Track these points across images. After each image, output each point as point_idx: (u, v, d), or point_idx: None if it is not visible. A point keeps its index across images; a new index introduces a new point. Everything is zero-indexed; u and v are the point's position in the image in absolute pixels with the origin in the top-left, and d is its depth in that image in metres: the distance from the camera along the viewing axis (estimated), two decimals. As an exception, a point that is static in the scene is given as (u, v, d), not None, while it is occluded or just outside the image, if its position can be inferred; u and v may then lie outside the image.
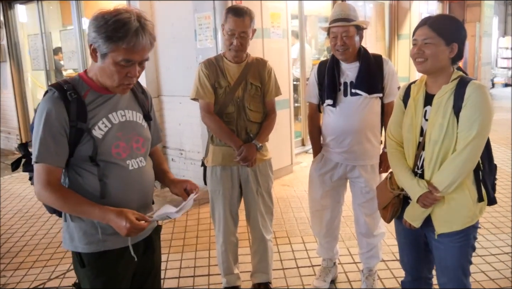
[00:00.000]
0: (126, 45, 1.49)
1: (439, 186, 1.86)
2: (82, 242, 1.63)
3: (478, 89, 1.79)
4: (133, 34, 1.48)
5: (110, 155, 1.61)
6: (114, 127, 1.63)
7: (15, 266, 3.50)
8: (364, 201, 2.76)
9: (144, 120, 1.77)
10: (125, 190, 1.65)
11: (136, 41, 1.49)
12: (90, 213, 1.54)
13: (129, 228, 1.49)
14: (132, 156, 1.67)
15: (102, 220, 1.54)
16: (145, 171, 1.73)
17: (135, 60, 1.54)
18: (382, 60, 2.66)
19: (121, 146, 1.64)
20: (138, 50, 1.52)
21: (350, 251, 3.44)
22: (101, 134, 1.59)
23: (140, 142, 1.72)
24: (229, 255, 2.83)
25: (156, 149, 1.95)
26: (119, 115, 1.66)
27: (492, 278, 3.01)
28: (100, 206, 1.54)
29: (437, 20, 1.88)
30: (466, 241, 1.94)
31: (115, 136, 1.62)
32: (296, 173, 5.64)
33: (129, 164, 1.65)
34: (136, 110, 1.73)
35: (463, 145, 1.80)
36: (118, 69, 1.54)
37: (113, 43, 1.49)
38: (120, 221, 1.49)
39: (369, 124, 2.66)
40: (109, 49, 1.50)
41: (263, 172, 2.74)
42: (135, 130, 1.70)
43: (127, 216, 1.50)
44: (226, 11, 2.57)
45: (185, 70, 4.89)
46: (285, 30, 5.35)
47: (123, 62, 1.52)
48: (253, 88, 2.65)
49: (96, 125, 1.58)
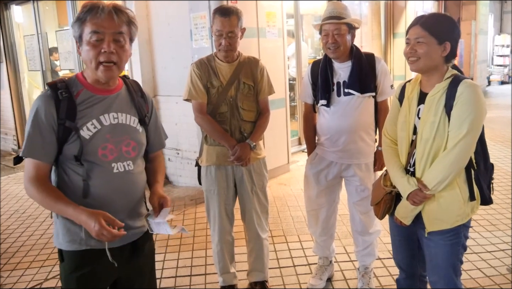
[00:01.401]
0: (92, 18, 1.52)
1: (428, 184, 1.87)
2: (65, 239, 1.63)
3: (469, 88, 1.80)
4: (99, 8, 1.52)
5: (96, 156, 1.60)
6: (103, 129, 1.62)
7: (12, 266, 3.50)
8: (359, 199, 2.77)
9: (139, 124, 1.74)
10: (108, 192, 1.63)
11: (102, 12, 1.52)
12: (64, 211, 1.54)
13: (97, 230, 1.47)
14: (120, 159, 1.65)
15: (75, 220, 1.53)
16: (132, 174, 1.70)
17: (103, 31, 1.53)
18: (374, 59, 2.67)
19: (108, 148, 1.62)
20: (105, 20, 1.53)
21: (346, 249, 3.45)
22: (89, 135, 1.59)
23: (131, 146, 1.69)
24: (225, 254, 2.84)
25: (157, 156, 1.92)
26: (111, 117, 1.65)
27: (487, 275, 3.02)
28: (76, 205, 1.52)
29: (429, 19, 1.89)
30: (457, 239, 1.95)
31: (103, 138, 1.61)
32: (292, 171, 5.65)
33: (114, 167, 1.63)
34: (131, 114, 1.71)
35: (453, 143, 1.81)
36: (91, 47, 1.54)
37: (82, 22, 1.54)
38: (90, 222, 1.47)
39: (363, 123, 2.67)
40: (81, 30, 1.54)
41: (257, 171, 2.75)
42: (127, 134, 1.68)
43: (97, 218, 1.48)
44: (213, 12, 2.58)
45: (181, 70, 4.88)
46: (280, 29, 5.36)
47: (94, 37, 1.52)
48: (246, 87, 2.65)
49: (84, 125, 1.58)
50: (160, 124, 1.92)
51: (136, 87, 1.79)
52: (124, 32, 1.58)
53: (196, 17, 4.64)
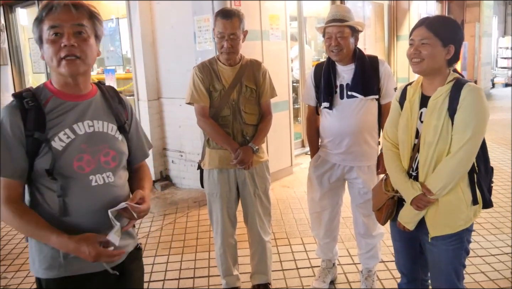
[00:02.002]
0: (48, 14, 1.42)
1: (432, 188, 1.86)
2: (42, 266, 1.48)
3: (473, 92, 1.79)
4: (56, 5, 1.42)
5: (71, 168, 1.45)
6: (78, 139, 1.47)
7: (16, 267, 3.52)
8: (362, 202, 2.77)
9: (118, 132, 1.60)
10: (88, 208, 1.48)
11: (58, 7, 1.41)
12: (47, 239, 1.40)
13: (94, 255, 1.37)
14: (98, 171, 1.50)
15: (61, 248, 1.41)
16: (113, 187, 1.54)
17: (61, 24, 1.41)
18: (377, 61, 2.67)
19: (85, 159, 1.47)
20: (62, 13, 1.41)
21: (350, 252, 3.45)
22: (62, 146, 1.44)
23: (110, 156, 1.54)
24: (228, 257, 2.84)
25: (142, 166, 1.79)
26: (85, 125, 1.51)
27: (491, 278, 3.01)
28: (59, 233, 1.39)
29: (434, 21, 1.88)
30: (460, 244, 1.94)
31: (78, 148, 1.47)
32: (296, 174, 5.65)
33: (92, 179, 1.48)
34: (108, 121, 1.57)
35: (457, 147, 1.80)
36: (50, 44, 1.42)
37: (40, 21, 1.43)
38: (83, 249, 1.37)
39: (366, 126, 2.67)
40: (40, 29, 1.43)
41: (260, 174, 2.75)
42: (105, 143, 1.54)
43: (89, 244, 1.37)
44: (215, 15, 2.59)
45: (185, 72, 4.89)
46: (284, 32, 5.37)
47: (52, 32, 1.40)
48: (248, 90, 2.65)
49: (56, 136, 1.44)
50: (143, 133, 1.79)
51: (112, 93, 1.66)
52: (86, 25, 1.45)
53: (199, 20, 4.66)
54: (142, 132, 1.78)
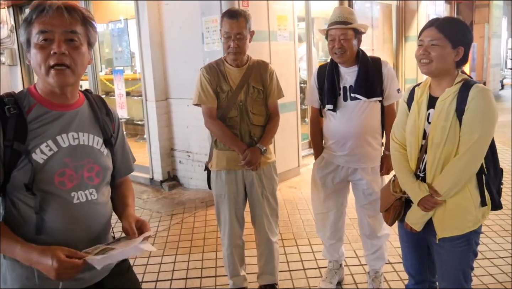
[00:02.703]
0: (38, 17, 1.31)
1: (440, 190, 1.86)
2: (15, 286, 1.37)
3: (481, 93, 1.78)
4: (48, 6, 1.31)
5: (52, 184, 1.35)
6: (60, 152, 1.37)
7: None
8: (367, 203, 2.77)
9: (104, 146, 1.50)
10: (67, 226, 1.37)
11: (49, 9, 1.31)
12: (11, 250, 1.28)
13: (56, 268, 1.22)
14: (81, 187, 1.40)
15: (24, 260, 1.27)
16: (96, 205, 1.45)
17: (52, 29, 1.31)
18: (380, 63, 2.67)
19: (67, 174, 1.37)
20: (54, 18, 1.31)
21: (357, 253, 3.45)
22: (43, 159, 1.33)
23: (94, 171, 1.44)
24: (235, 258, 2.85)
25: (125, 180, 1.70)
26: (70, 137, 1.40)
27: (500, 281, 2.99)
28: (24, 243, 1.28)
29: (444, 22, 1.87)
30: (468, 246, 1.93)
31: (61, 162, 1.36)
32: (303, 175, 5.64)
33: (74, 196, 1.38)
34: (94, 134, 1.47)
35: (465, 148, 1.79)
36: (39, 49, 1.32)
37: (29, 23, 1.33)
38: (46, 260, 1.22)
39: (369, 128, 2.67)
40: (28, 32, 1.33)
41: (267, 175, 2.75)
42: (90, 157, 1.44)
43: (54, 253, 1.23)
44: (222, 15, 2.60)
45: (193, 73, 4.89)
46: (291, 32, 5.37)
47: (42, 37, 1.31)
48: (255, 91, 2.65)
49: (37, 147, 1.33)
50: (128, 147, 1.69)
51: (100, 103, 1.56)
52: (79, 32, 1.36)
53: (207, 21, 4.67)
54: (127, 146, 1.69)
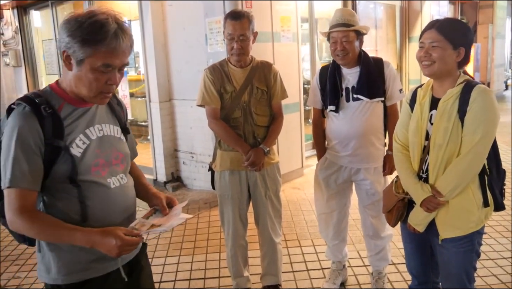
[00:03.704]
0: (105, 48, 1.36)
1: (442, 190, 1.86)
2: (62, 273, 1.47)
3: (483, 93, 1.79)
4: (113, 36, 1.36)
5: (90, 173, 1.46)
6: (92, 144, 1.48)
7: (30, 267, 3.57)
8: (370, 203, 2.77)
9: (122, 134, 1.63)
10: (108, 210, 1.51)
11: (116, 43, 1.36)
12: (71, 238, 1.38)
13: (120, 245, 1.35)
14: (113, 174, 1.54)
15: (86, 244, 1.37)
16: (127, 188, 1.60)
17: (115, 65, 1.40)
18: (382, 63, 2.68)
19: (100, 164, 1.50)
20: (119, 54, 1.39)
21: (360, 254, 3.45)
22: (80, 152, 1.44)
23: (120, 158, 1.58)
24: (239, 259, 2.85)
25: (133, 163, 1.79)
26: (96, 130, 1.51)
27: (504, 281, 2.99)
28: (82, 228, 1.39)
29: (445, 23, 1.88)
30: (470, 246, 1.93)
31: (94, 153, 1.48)
32: (306, 175, 5.64)
33: (110, 182, 1.51)
34: (113, 124, 1.60)
35: (467, 149, 1.79)
36: (96, 76, 1.39)
37: (90, 47, 1.35)
38: (109, 241, 1.35)
39: (372, 128, 2.67)
40: (86, 54, 1.36)
41: (271, 176, 2.76)
42: (114, 146, 1.56)
43: (116, 233, 1.36)
44: (225, 17, 2.60)
45: (196, 74, 4.92)
46: (295, 33, 5.38)
47: (102, 68, 1.38)
48: (259, 92, 2.66)
49: (73, 142, 1.44)
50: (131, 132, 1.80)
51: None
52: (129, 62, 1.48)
53: (211, 22, 4.69)
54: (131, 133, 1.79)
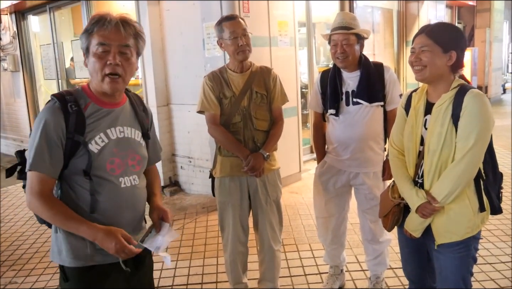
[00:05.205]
0: (98, 29, 1.53)
1: (437, 196, 1.85)
2: (69, 256, 1.60)
3: (476, 98, 1.78)
4: (108, 21, 1.53)
5: (104, 170, 1.59)
6: (110, 143, 1.62)
7: (26, 272, 3.55)
8: (369, 208, 2.77)
9: (142, 138, 1.76)
10: (116, 207, 1.63)
11: (109, 25, 1.53)
12: (77, 228, 1.52)
13: (117, 248, 1.49)
14: (126, 173, 1.66)
15: (89, 237, 1.52)
16: (138, 189, 1.71)
17: (110, 43, 1.54)
18: (383, 68, 2.68)
19: (116, 162, 1.62)
20: (111, 33, 1.54)
21: (358, 259, 3.44)
22: (97, 149, 1.58)
23: (136, 160, 1.70)
24: (238, 265, 2.82)
25: (153, 168, 1.93)
26: (117, 131, 1.65)
27: (501, 285, 2.98)
28: (89, 223, 1.52)
29: (434, 28, 1.88)
30: (467, 252, 1.92)
31: (111, 152, 1.61)
32: (304, 180, 5.65)
33: (121, 181, 1.64)
34: (135, 128, 1.73)
35: (461, 154, 1.79)
36: (97, 59, 1.54)
37: (90, 34, 1.55)
38: (109, 241, 1.49)
39: (371, 132, 2.68)
40: (88, 42, 1.55)
41: (271, 182, 2.74)
42: (132, 148, 1.69)
43: (116, 237, 1.50)
44: (218, 23, 2.62)
45: (194, 78, 4.93)
46: (292, 38, 5.39)
47: (100, 48, 1.53)
48: (259, 97, 2.65)
49: (93, 139, 1.57)
50: (157, 138, 1.93)
51: (138, 101, 1.80)
52: (131, 45, 1.59)
53: (208, 27, 4.69)
54: (156, 138, 1.93)
